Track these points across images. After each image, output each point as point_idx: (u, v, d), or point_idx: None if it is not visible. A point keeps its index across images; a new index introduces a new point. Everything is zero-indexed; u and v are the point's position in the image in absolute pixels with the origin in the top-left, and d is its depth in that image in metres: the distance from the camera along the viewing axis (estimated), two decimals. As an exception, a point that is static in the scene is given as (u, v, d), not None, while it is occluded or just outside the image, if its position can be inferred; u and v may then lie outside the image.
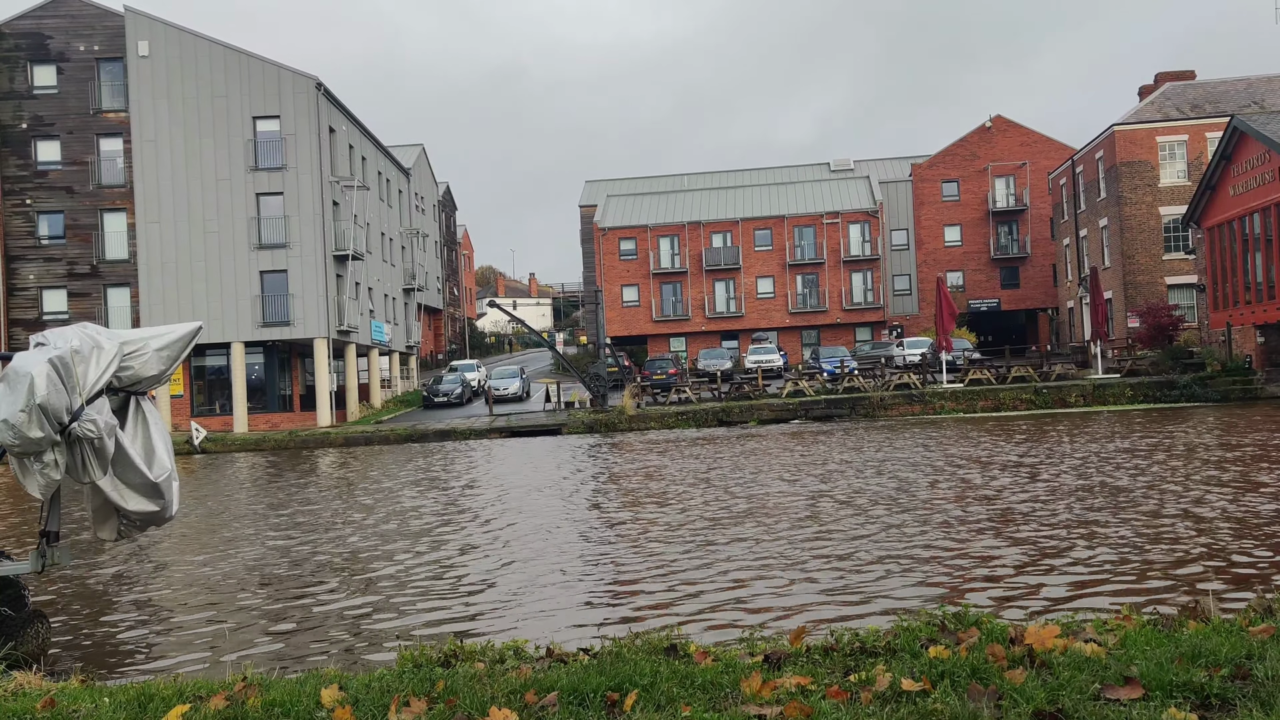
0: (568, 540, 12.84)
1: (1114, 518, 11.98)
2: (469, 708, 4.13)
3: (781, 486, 16.74)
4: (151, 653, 8.42)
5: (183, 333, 7.99)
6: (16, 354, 7.29)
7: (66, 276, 43.31)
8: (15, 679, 5.63)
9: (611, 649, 5.13)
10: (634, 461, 23.62)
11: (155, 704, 4.50)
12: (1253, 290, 34.42)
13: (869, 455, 21.37)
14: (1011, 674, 4.01)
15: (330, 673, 5.18)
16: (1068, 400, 34.43)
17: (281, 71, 43.05)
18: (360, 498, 18.94)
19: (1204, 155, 43.00)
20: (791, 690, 4.07)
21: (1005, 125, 63.80)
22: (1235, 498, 12.97)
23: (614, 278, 64.25)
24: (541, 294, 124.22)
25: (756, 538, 11.93)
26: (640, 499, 16.41)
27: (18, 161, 43.25)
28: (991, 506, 13.46)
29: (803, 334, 63.35)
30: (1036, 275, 63.06)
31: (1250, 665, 3.97)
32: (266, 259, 42.70)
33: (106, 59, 43.32)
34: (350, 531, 14.47)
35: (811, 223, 63.23)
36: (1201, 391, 33.37)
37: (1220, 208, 36.46)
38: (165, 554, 13.37)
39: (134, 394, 7.81)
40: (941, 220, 63.93)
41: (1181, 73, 49.26)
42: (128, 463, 7.41)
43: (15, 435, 6.88)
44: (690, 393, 40.26)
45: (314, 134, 42.87)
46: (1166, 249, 44.64)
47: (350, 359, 45.93)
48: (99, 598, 10.68)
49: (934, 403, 35.18)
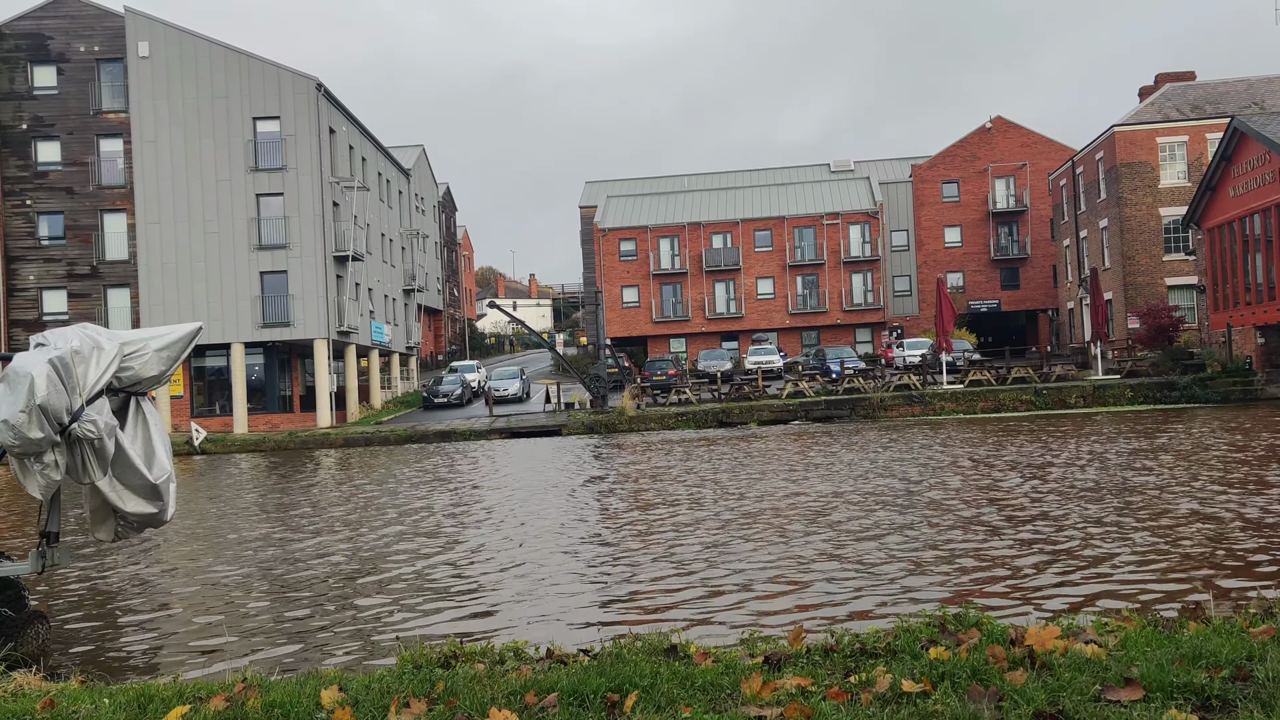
0: (568, 541, 12.83)
1: (1121, 517, 11.98)
2: (469, 709, 4.12)
3: (784, 486, 16.73)
4: (153, 654, 8.41)
5: (183, 333, 7.97)
6: (17, 354, 7.28)
7: (66, 277, 43.33)
8: (15, 680, 5.63)
9: (612, 650, 5.13)
10: (635, 462, 23.61)
11: (155, 705, 4.50)
12: (1253, 291, 34.43)
13: (871, 455, 21.37)
14: (1012, 675, 4.01)
15: (330, 674, 5.18)
16: (1068, 401, 34.43)
17: (281, 72, 43.07)
18: (360, 499, 18.93)
19: (1204, 156, 43.02)
20: (792, 691, 4.07)
21: (1005, 126, 63.83)
22: (1243, 499, 12.96)
23: (614, 278, 64.26)
24: (541, 295, 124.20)
25: (757, 538, 11.93)
26: (641, 499, 16.40)
27: (18, 162, 43.28)
28: (997, 506, 13.45)
29: (803, 335, 63.36)
30: (1036, 276, 63.08)
31: (1251, 667, 3.97)
32: (266, 260, 42.72)
33: (107, 59, 43.35)
34: (350, 532, 14.46)
35: (812, 224, 63.25)
36: (1201, 393, 33.37)
37: (1220, 209, 36.46)
38: (168, 555, 13.37)
39: (134, 395, 7.80)
40: (942, 221, 63.96)
41: (1182, 73, 49.27)
42: (127, 464, 7.40)
43: (15, 436, 6.88)
44: (690, 394, 40.27)
45: (314, 135, 42.89)
46: (1167, 250, 44.65)
47: (350, 360, 45.94)
48: (101, 599, 10.68)
49: (934, 404, 35.18)
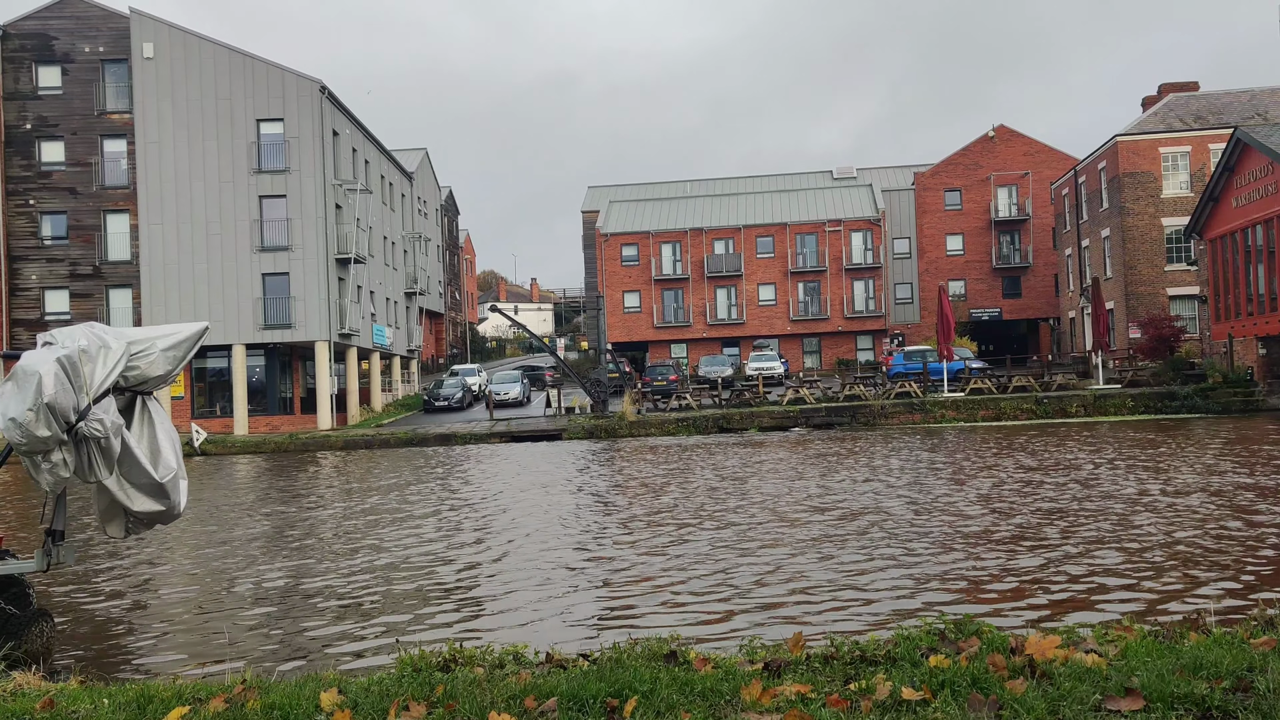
0: (568, 545, 12.83)
1: (1122, 526, 11.97)
2: (468, 712, 4.12)
3: (784, 491, 16.72)
4: (153, 655, 8.41)
5: (189, 333, 7.99)
6: (25, 353, 7.32)
7: (69, 277, 43.37)
8: (14, 679, 5.63)
9: (611, 655, 5.12)
10: (635, 467, 23.60)
11: (154, 706, 4.50)
12: (1255, 302, 34.42)
13: (874, 461, 21.36)
14: (1012, 684, 4.00)
15: (329, 676, 5.18)
16: (1068, 410, 34.42)
17: (285, 74, 43.14)
18: (360, 501, 18.93)
19: (1207, 166, 43.04)
20: (791, 698, 4.07)
21: (1008, 135, 63.87)
22: (1251, 511, 12.96)
23: (616, 284, 64.29)
24: (543, 299, 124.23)
25: (758, 543, 11.92)
26: (641, 504, 16.39)
27: (21, 162, 43.33)
28: (1000, 513, 13.44)
29: (804, 341, 63.37)
30: (1038, 285, 63.08)
31: (1251, 678, 3.97)
32: (269, 261, 42.76)
33: (111, 60, 43.42)
34: (349, 534, 14.46)
35: (814, 230, 63.27)
36: (1202, 403, 33.35)
37: (1223, 219, 36.47)
38: (172, 556, 13.37)
39: (140, 394, 7.82)
40: (944, 229, 63.99)
41: (1185, 84, 49.30)
42: (133, 462, 7.42)
43: (23, 434, 6.91)
44: (691, 399, 40.25)
45: (317, 137, 42.95)
46: (1169, 260, 44.65)
47: (351, 362, 45.94)
48: (106, 598, 10.67)
49: (934, 412, 35.17)
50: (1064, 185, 54.86)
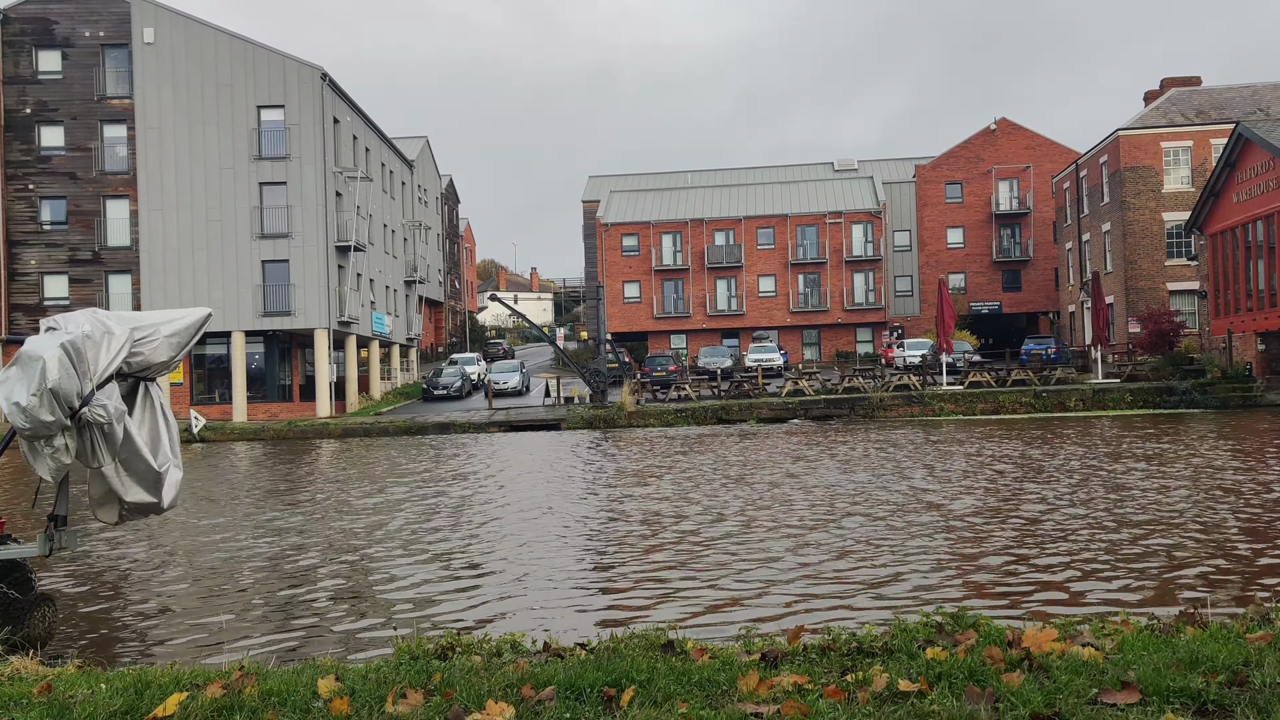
0: (567, 535, 12.85)
1: (1124, 521, 11.99)
2: (465, 700, 4.13)
3: (783, 483, 16.74)
4: (152, 640, 8.43)
5: (193, 319, 7.98)
6: (29, 338, 7.31)
7: (68, 262, 43.28)
8: (12, 663, 5.63)
9: (609, 644, 5.13)
10: (634, 457, 23.62)
11: (152, 691, 4.50)
12: (1254, 297, 34.41)
13: (871, 454, 21.38)
14: (1009, 677, 4.01)
15: (327, 663, 5.19)
16: (1067, 405, 34.44)
17: (287, 61, 43.01)
18: (361, 489, 18.95)
19: (1208, 161, 42.97)
20: (788, 689, 4.08)
21: (1010, 128, 63.77)
22: (1247, 504, 12.97)
23: (616, 274, 64.24)
24: (543, 289, 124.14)
25: (756, 535, 11.93)
26: (639, 494, 16.41)
27: (21, 146, 43.21)
28: (1003, 507, 13.46)
29: (804, 333, 63.35)
30: (1038, 279, 63.06)
31: (1248, 672, 3.98)
32: (268, 248, 42.70)
33: (112, 45, 43.26)
34: (349, 523, 14.48)
35: (814, 222, 63.21)
36: (1201, 398, 33.38)
37: (1223, 214, 36.44)
38: (175, 542, 13.38)
39: (143, 380, 7.81)
40: (944, 222, 63.93)
41: (1187, 78, 49.19)
42: (133, 450, 7.42)
43: (27, 418, 6.91)
44: (690, 390, 40.26)
45: (318, 124, 42.85)
46: (1169, 255, 44.62)
47: (350, 350, 45.92)
48: (108, 583, 10.69)
49: (933, 405, 35.18)
50: (1065, 179, 54.79)
